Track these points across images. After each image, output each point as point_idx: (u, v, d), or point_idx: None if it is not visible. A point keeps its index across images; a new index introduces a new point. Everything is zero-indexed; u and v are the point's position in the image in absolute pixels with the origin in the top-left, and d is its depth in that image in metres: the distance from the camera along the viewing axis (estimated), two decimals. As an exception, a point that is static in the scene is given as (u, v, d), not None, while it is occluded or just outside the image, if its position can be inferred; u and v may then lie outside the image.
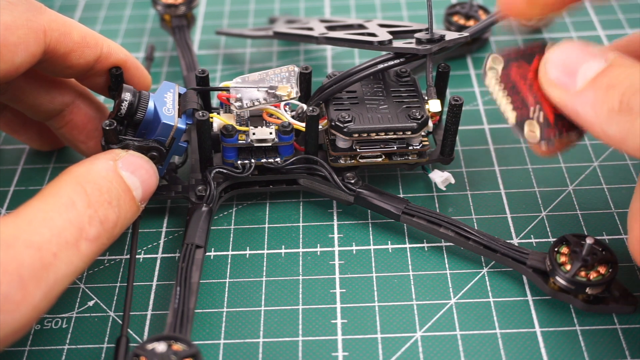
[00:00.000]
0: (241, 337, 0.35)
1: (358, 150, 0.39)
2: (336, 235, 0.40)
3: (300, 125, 0.39)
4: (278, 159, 0.39)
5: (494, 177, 0.43)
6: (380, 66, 0.39)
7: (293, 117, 0.39)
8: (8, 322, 0.27)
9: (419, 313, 0.36)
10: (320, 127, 0.39)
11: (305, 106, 0.40)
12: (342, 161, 0.40)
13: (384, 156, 0.40)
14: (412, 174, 0.43)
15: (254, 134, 0.38)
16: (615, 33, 0.53)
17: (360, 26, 0.44)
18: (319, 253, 0.39)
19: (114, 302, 0.37)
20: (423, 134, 0.40)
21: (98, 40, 0.38)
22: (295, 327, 0.36)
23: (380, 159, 0.40)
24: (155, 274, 0.39)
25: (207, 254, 0.39)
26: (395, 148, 0.39)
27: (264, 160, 0.39)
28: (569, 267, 0.34)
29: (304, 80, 0.41)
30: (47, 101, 0.40)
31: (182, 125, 0.37)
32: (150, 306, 0.37)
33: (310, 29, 0.45)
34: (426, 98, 0.39)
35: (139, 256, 0.40)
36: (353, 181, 0.40)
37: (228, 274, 0.38)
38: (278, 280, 0.38)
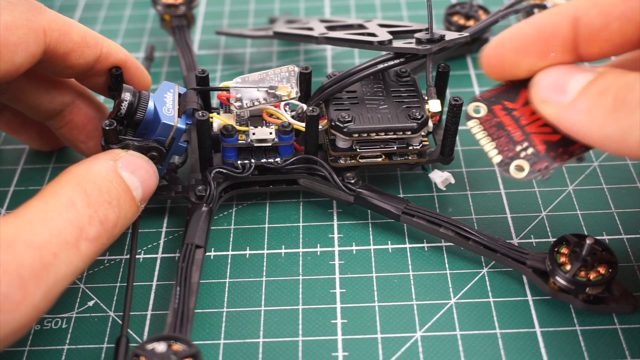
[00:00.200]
0: (241, 337, 0.35)
1: (358, 150, 0.39)
2: (336, 235, 0.40)
3: (300, 125, 0.39)
4: (278, 159, 0.39)
5: (494, 177, 0.43)
6: (380, 66, 0.39)
7: (293, 117, 0.39)
8: (8, 322, 0.27)
9: (419, 313, 0.36)
10: (320, 127, 0.39)
11: (305, 106, 0.40)
12: (342, 161, 0.40)
13: (384, 156, 0.40)
14: (412, 174, 0.43)
15: (254, 134, 0.38)
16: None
17: (360, 26, 0.44)
18: (319, 253, 0.39)
19: (114, 302, 0.37)
20: (423, 134, 0.40)
21: (98, 40, 0.38)
22: (295, 327, 0.36)
23: (380, 159, 0.40)
24: (155, 274, 0.39)
25: (207, 254, 0.39)
26: (395, 148, 0.39)
27: (264, 160, 0.39)
28: (569, 267, 0.34)
29: (304, 80, 0.41)
30: (47, 101, 0.40)
31: (182, 125, 0.37)
32: (150, 306, 0.37)
33: (310, 29, 0.45)
34: (426, 98, 0.39)
35: (139, 256, 0.40)
36: (353, 181, 0.40)
37: (228, 274, 0.38)
38: (278, 280, 0.38)
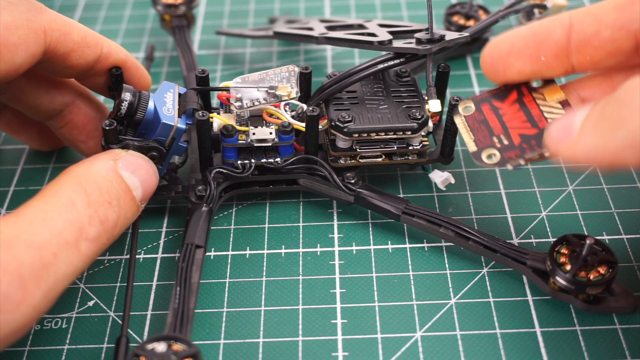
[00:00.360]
0: (241, 337, 0.35)
1: (358, 150, 0.39)
2: (336, 235, 0.40)
3: (300, 125, 0.39)
4: (278, 159, 0.39)
5: (494, 177, 0.43)
6: (380, 66, 0.39)
7: (293, 117, 0.39)
8: (8, 322, 0.27)
9: (419, 313, 0.36)
10: (320, 127, 0.39)
11: (305, 106, 0.40)
12: (342, 161, 0.40)
13: (384, 156, 0.40)
14: (412, 174, 0.43)
15: (254, 134, 0.38)
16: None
17: (360, 26, 0.44)
18: (319, 253, 0.39)
19: (114, 302, 0.37)
20: (423, 134, 0.40)
21: (98, 40, 0.38)
22: (295, 327, 0.36)
23: (380, 159, 0.40)
24: (155, 274, 0.39)
25: (207, 254, 0.39)
26: (395, 148, 0.39)
27: (264, 160, 0.39)
28: (569, 267, 0.34)
29: (304, 80, 0.41)
30: (47, 101, 0.40)
31: (182, 125, 0.37)
32: (150, 306, 0.37)
33: (310, 29, 0.45)
34: (426, 98, 0.39)
35: (139, 256, 0.40)
36: (353, 181, 0.40)
37: (228, 274, 0.38)
38: (278, 280, 0.38)
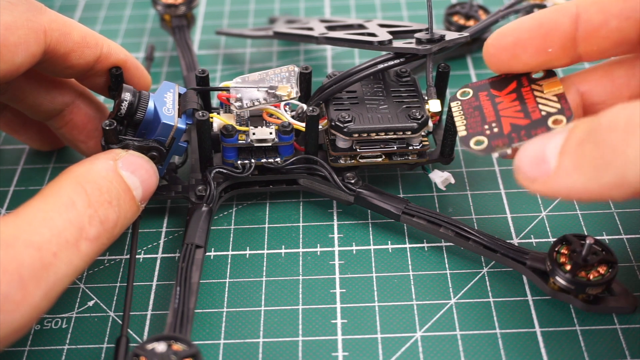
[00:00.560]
0: (241, 337, 0.35)
1: (358, 150, 0.39)
2: (336, 235, 0.40)
3: (300, 125, 0.39)
4: (278, 159, 0.39)
5: (494, 177, 0.43)
6: (380, 66, 0.39)
7: (293, 117, 0.39)
8: (8, 322, 0.27)
9: (419, 313, 0.36)
10: (320, 127, 0.39)
11: (305, 106, 0.40)
12: (342, 161, 0.40)
13: (384, 156, 0.40)
14: (412, 174, 0.43)
15: (254, 134, 0.38)
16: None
17: (360, 26, 0.44)
18: (319, 253, 0.39)
19: (114, 302, 0.37)
20: (423, 134, 0.40)
21: (98, 40, 0.38)
22: (295, 327, 0.36)
23: (380, 159, 0.40)
24: (155, 274, 0.39)
25: (207, 254, 0.39)
26: (395, 148, 0.39)
27: (264, 160, 0.39)
28: (569, 267, 0.34)
29: (304, 80, 0.41)
30: (47, 101, 0.40)
31: (182, 125, 0.37)
32: (150, 306, 0.37)
33: (310, 29, 0.45)
34: (426, 98, 0.39)
35: (139, 256, 0.40)
36: (353, 181, 0.40)
37: (228, 274, 0.38)
38: (278, 280, 0.38)
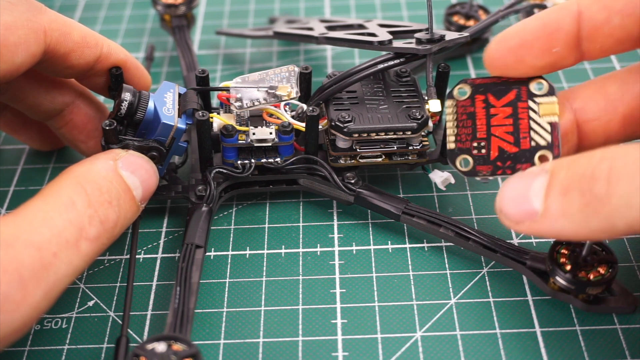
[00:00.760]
0: (241, 337, 0.35)
1: (358, 150, 0.39)
2: (336, 235, 0.40)
3: (300, 125, 0.39)
4: (278, 159, 0.39)
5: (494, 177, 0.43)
6: (380, 66, 0.39)
7: (293, 117, 0.39)
8: (8, 322, 0.27)
9: (419, 313, 0.36)
10: (320, 127, 0.39)
11: (305, 106, 0.40)
12: (342, 161, 0.40)
13: (384, 156, 0.40)
14: (412, 174, 0.43)
15: (254, 134, 0.38)
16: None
17: (360, 26, 0.44)
18: (319, 253, 0.39)
19: (114, 302, 0.37)
20: (423, 134, 0.40)
21: (98, 40, 0.38)
22: (295, 327, 0.36)
23: (380, 159, 0.40)
24: (155, 274, 0.39)
25: (207, 254, 0.39)
26: (395, 148, 0.39)
27: (264, 160, 0.39)
28: (569, 267, 0.34)
29: (304, 80, 0.41)
30: (47, 101, 0.40)
31: (182, 125, 0.37)
32: (150, 306, 0.37)
33: (310, 29, 0.45)
34: (426, 98, 0.39)
35: (139, 256, 0.40)
36: (353, 181, 0.40)
37: (228, 274, 0.38)
38: (278, 280, 0.38)
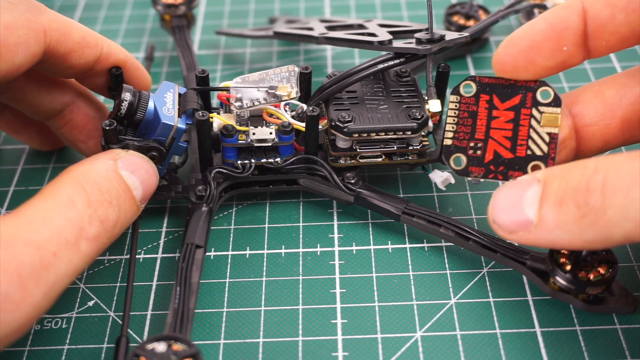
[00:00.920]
0: (241, 337, 0.35)
1: (358, 150, 0.39)
2: (336, 235, 0.40)
3: (300, 125, 0.39)
4: (278, 159, 0.39)
5: (494, 177, 0.43)
6: (380, 66, 0.39)
7: (293, 117, 0.39)
8: (8, 322, 0.27)
9: (419, 313, 0.36)
10: (320, 127, 0.39)
11: (305, 106, 0.40)
12: (342, 161, 0.40)
13: (384, 156, 0.40)
14: (412, 174, 0.43)
15: (254, 134, 0.38)
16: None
17: (360, 26, 0.44)
18: (319, 253, 0.39)
19: (114, 302, 0.37)
20: (423, 134, 0.40)
21: (98, 40, 0.38)
22: (295, 327, 0.36)
23: (380, 159, 0.40)
24: (155, 274, 0.39)
25: (207, 254, 0.39)
26: (395, 148, 0.39)
27: (264, 160, 0.39)
28: (569, 267, 0.34)
29: (304, 80, 0.41)
30: (47, 101, 0.40)
31: (182, 125, 0.37)
32: (150, 306, 0.37)
33: (310, 29, 0.45)
34: (426, 98, 0.39)
35: (139, 256, 0.40)
36: (353, 181, 0.40)
37: (228, 274, 0.38)
38: (278, 280, 0.38)
